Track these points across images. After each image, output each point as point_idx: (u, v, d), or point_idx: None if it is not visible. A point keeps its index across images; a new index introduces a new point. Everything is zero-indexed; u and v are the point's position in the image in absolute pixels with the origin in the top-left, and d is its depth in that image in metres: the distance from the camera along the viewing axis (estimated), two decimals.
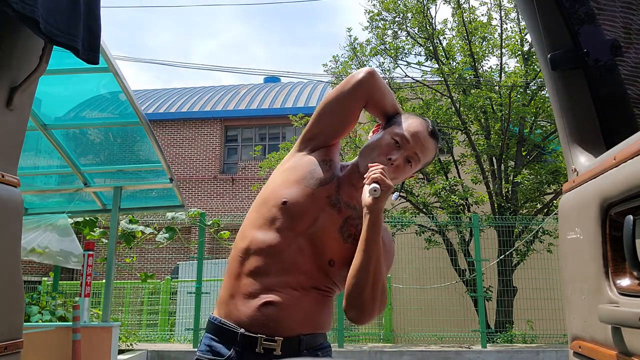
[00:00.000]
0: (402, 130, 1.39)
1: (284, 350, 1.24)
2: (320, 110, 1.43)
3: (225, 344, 1.28)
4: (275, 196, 1.35)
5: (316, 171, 1.38)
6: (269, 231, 1.31)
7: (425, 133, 1.40)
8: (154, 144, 4.48)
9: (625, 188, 0.91)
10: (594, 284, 1.00)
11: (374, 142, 1.41)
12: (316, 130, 1.44)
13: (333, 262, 1.32)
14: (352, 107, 1.41)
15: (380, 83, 1.42)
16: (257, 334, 1.24)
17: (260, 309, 1.25)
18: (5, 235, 1.13)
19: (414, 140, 1.37)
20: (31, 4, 1.05)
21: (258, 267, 1.28)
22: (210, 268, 8.10)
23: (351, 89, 1.39)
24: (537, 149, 9.98)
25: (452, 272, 8.73)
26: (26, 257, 5.34)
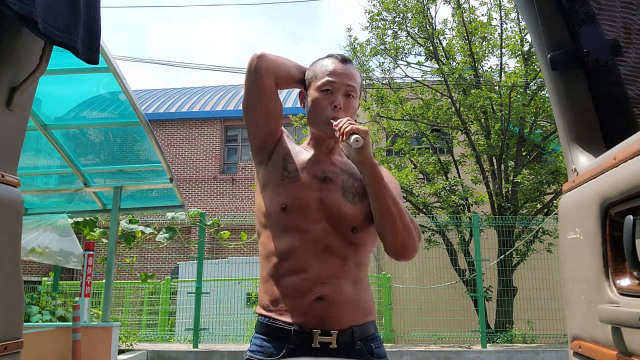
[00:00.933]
0: (322, 77, 1.40)
1: (339, 343, 1.26)
2: (246, 119, 1.44)
3: (277, 342, 1.28)
4: (273, 207, 1.36)
5: (288, 167, 1.40)
6: (289, 236, 1.33)
7: (340, 64, 1.42)
8: (154, 144, 4.48)
9: (625, 188, 0.90)
10: (594, 284, 1.00)
11: (311, 106, 1.42)
12: (258, 138, 1.44)
13: (356, 229, 1.34)
14: (266, 93, 1.40)
15: (274, 58, 1.41)
16: (312, 329, 1.25)
17: (312, 305, 1.26)
18: (5, 235, 1.13)
19: (337, 76, 1.39)
20: (29, 3, 1.05)
21: (297, 268, 1.30)
22: (210, 268, 8.11)
23: (253, 80, 1.39)
24: (537, 149, 9.98)
25: (452, 272, 8.72)
26: (26, 257, 5.34)
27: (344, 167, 1.42)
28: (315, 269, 1.28)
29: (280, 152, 1.43)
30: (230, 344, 7.33)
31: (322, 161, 1.42)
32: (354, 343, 1.28)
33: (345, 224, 1.34)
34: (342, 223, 1.33)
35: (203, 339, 7.23)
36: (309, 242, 1.31)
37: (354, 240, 1.34)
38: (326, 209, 1.34)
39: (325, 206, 1.34)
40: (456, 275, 8.68)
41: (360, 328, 1.31)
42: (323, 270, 1.28)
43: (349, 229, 1.33)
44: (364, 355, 1.30)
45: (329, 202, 1.35)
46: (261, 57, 1.38)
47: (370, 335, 1.34)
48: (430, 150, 10.30)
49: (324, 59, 1.45)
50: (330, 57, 1.45)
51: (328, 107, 1.38)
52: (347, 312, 1.29)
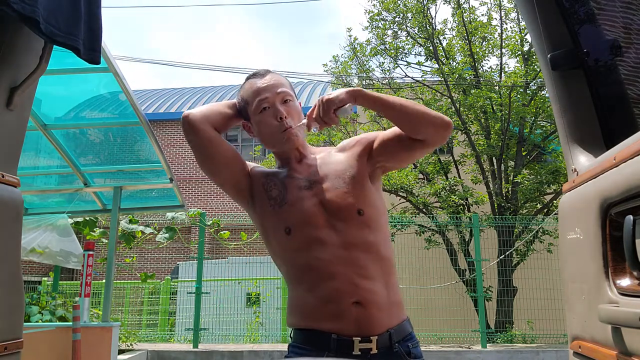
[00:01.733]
0: (253, 100, 1.40)
1: (378, 348, 1.25)
2: (209, 175, 1.45)
3: (316, 350, 1.27)
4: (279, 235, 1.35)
5: (271, 195, 1.38)
6: (309, 253, 1.31)
7: (261, 80, 1.41)
8: (154, 144, 4.47)
9: (625, 188, 0.90)
10: (594, 284, 1.00)
11: (259, 131, 1.41)
12: (229, 187, 1.44)
13: (361, 210, 1.33)
14: (212, 145, 1.38)
15: (200, 110, 1.39)
16: (351, 336, 1.24)
17: (348, 310, 1.25)
18: (5, 235, 1.13)
19: (265, 91, 1.39)
20: (31, 3, 1.05)
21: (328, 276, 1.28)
22: (210, 268, 8.10)
23: (194, 138, 1.37)
24: (537, 149, 9.98)
25: (452, 272, 8.72)
26: (26, 257, 5.34)
27: (320, 162, 1.42)
28: (344, 272, 1.27)
29: (257, 186, 1.41)
30: (230, 344, 7.33)
31: (299, 170, 1.41)
32: (391, 346, 1.28)
33: (350, 211, 1.33)
34: (347, 212, 1.32)
35: (203, 339, 7.23)
36: (329, 248, 1.29)
37: (365, 222, 1.33)
38: (328, 209, 1.34)
39: (325, 207, 1.34)
40: (456, 275, 8.68)
41: (397, 329, 1.30)
42: (352, 272, 1.27)
43: (355, 214, 1.32)
44: (402, 357, 1.29)
45: (327, 201, 1.34)
46: (189, 115, 1.37)
47: (407, 335, 1.33)
48: None
49: (245, 83, 1.44)
50: (249, 78, 1.44)
51: (274, 122, 1.37)
52: (384, 315, 1.28)
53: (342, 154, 1.44)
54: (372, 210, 1.35)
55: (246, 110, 1.42)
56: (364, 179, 1.38)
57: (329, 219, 1.32)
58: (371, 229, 1.33)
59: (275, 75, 1.44)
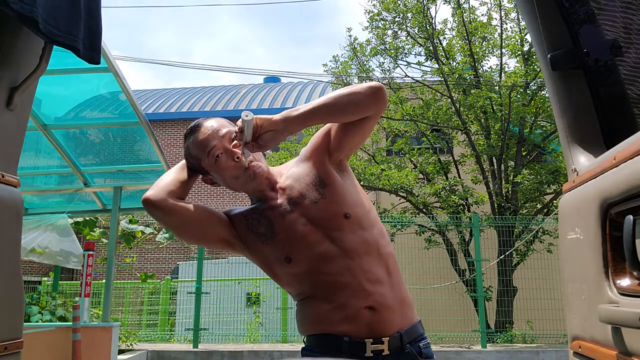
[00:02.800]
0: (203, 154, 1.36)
1: (390, 349, 1.27)
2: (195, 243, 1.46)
3: (329, 353, 1.28)
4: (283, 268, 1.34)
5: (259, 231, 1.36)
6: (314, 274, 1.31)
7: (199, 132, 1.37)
8: (154, 144, 4.47)
9: (625, 188, 0.90)
10: (594, 284, 1.00)
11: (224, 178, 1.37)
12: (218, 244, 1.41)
13: (348, 214, 1.33)
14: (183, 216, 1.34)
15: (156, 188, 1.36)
16: (363, 339, 1.25)
17: (361, 314, 1.26)
18: (5, 235, 1.13)
19: (208, 142, 1.34)
20: (30, 3, 1.05)
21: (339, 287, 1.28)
22: (210, 268, 8.10)
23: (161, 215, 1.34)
24: (537, 149, 9.98)
25: (452, 272, 8.72)
26: (26, 257, 5.34)
27: (291, 181, 1.39)
28: (353, 281, 1.27)
29: (243, 229, 1.38)
30: (230, 344, 7.33)
31: (275, 198, 1.38)
32: (403, 347, 1.29)
33: (337, 218, 1.32)
34: (335, 220, 1.32)
35: (203, 339, 7.23)
36: (332, 262, 1.29)
37: (356, 224, 1.33)
38: (317, 224, 1.33)
39: (314, 223, 1.33)
40: (456, 275, 8.68)
41: (408, 330, 1.31)
42: (359, 277, 1.28)
43: (342, 219, 1.32)
44: (414, 357, 1.31)
45: (313, 217, 1.33)
46: (148, 198, 1.33)
47: (419, 336, 1.35)
48: (430, 150, 10.30)
49: (187, 142, 1.40)
50: (188, 136, 1.40)
51: (232, 164, 1.34)
52: (395, 316, 1.29)
53: (305, 164, 1.41)
54: (357, 210, 1.35)
55: (200, 165, 1.38)
56: (335, 180, 1.37)
57: (323, 233, 1.32)
58: (364, 228, 1.33)
59: (208, 121, 1.39)
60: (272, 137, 1.25)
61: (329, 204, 1.33)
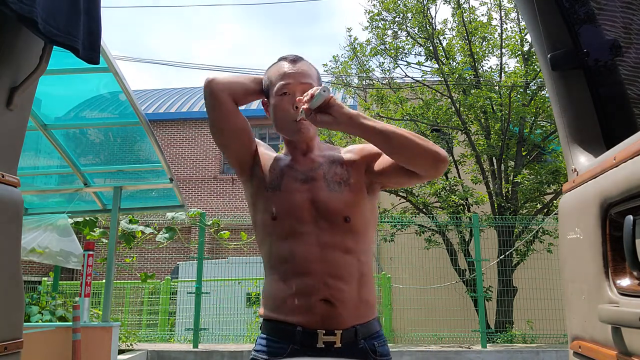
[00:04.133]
0: (277, 82, 1.39)
1: (342, 343, 1.27)
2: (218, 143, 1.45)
3: (282, 342, 1.30)
4: (265, 219, 1.38)
5: (269, 178, 1.40)
6: (288, 244, 1.33)
7: (290, 64, 1.41)
8: (154, 144, 4.47)
9: (625, 188, 0.90)
10: (594, 284, 1.00)
11: (273, 113, 1.41)
12: (234, 159, 1.45)
13: (348, 218, 1.34)
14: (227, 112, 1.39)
15: (225, 78, 1.41)
16: (316, 329, 1.26)
17: (316, 306, 1.27)
18: (5, 235, 1.13)
19: (291, 77, 1.39)
20: (29, 3, 1.05)
21: (300, 270, 1.31)
22: (210, 268, 8.11)
23: (212, 105, 1.38)
24: (537, 149, 9.98)
25: (452, 272, 8.72)
26: (26, 257, 5.33)
27: (322, 160, 1.43)
28: (318, 270, 1.29)
29: (259, 165, 1.43)
30: (230, 344, 7.33)
31: (301, 163, 1.42)
32: (357, 342, 1.30)
33: (337, 216, 1.34)
34: (334, 215, 1.34)
35: (203, 339, 7.23)
36: (308, 244, 1.32)
37: (350, 230, 1.34)
38: (316, 207, 1.35)
39: (315, 205, 1.35)
40: (456, 275, 8.68)
41: (364, 326, 1.32)
42: (326, 271, 1.29)
43: (341, 219, 1.34)
44: (367, 354, 1.31)
45: (317, 200, 1.36)
46: (212, 80, 1.38)
47: (374, 333, 1.35)
48: None
49: (275, 63, 1.44)
50: (281, 60, 1.44)
51: (290, 109, 1.37)
52: (351, 312, 1.30)
53: (347, 159, 1.44)
54: (359, 220, 1.36)
55: (268, 89, 1.43)
56: (361, 189, 1.39)
57: (316, 217, 1.34)
58: (354, 236, 1.35)
59: (305, 64, 1.43)
60: (328, 120, 1.26)
61: (340, 201, 1.35)
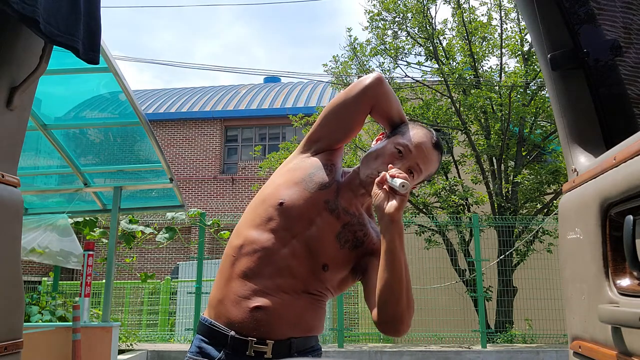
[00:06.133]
0: (405, 140, 1.35)
1: (274, 354, 1.24)
2: (327, 114, 1.42)
3: (215, 346, 1.27)
4: (273, 196, 1.34)
5: (317, 174, 1.37)
6: (264, 231, 1.30)
7: (430, 144, 1.36)
8: (154, 144, 4.48)
9: (625, 188, 0.90)
10: (594, 284, 1.00)
11: (377, 150, 1.38)
12: (321, 133, 1.43)
13: (327, 267, 1.30)
14: (358, 111, 1.39)
15: (388, 89, 1.39)
16: (248, 337, 1.23)
17: (252, 312, 1.24)
18: (5, 235, 1.13)
19: (417, 151, 1.34)
20: (31, 3, 1.05)
21: (250, 269, 1.27)
22: (210, 268, 8.10)
23: (358, 94, 1.37)
24: (537, 149, 9.98)
25: (452, 272, 8.72)
26: (26, 257, 5.34)
27: (357, 215, 1.38)
28: (266, 279, 1.26)
29: (324, 159, 1.40)
30: None
31: (344, 196, 1.37)
32: (291, 354, 1.26)
33: (319, 256, 1.30)
34: (317, 254, 1.30)
35: None
36: (275, 250, 1.28)
37: (319, 275, 1.30)
38: (311, 231, 1.31)
39: (311, 229, 1.31)
40: (456, 275, 8.68)
41: (300, 340, 1.28)
42: (273, 283, 1.26)
43: (321, 263, 1.30)
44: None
45: (318, 229, 1.31)
46: (379, 79, 1.37)
47: (309, 347, 1.31)
48: None
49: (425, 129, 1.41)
50: (429, 132, 1.40)
51: (385, 164, 1.31)
52: (287, 325, 1.26)
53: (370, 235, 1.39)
54: (333, 276, 1.33)
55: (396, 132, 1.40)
56: (352, 261, 1.35)
57: (300, 239, 1.30)
58: (320, 283, 1.31)
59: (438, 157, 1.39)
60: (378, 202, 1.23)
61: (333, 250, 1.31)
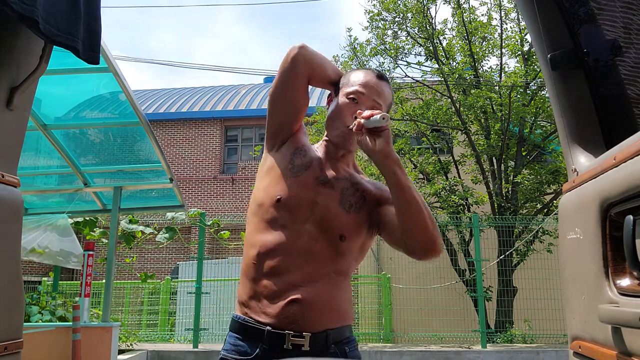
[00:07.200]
0: (353, 86, 1.39)
1: (311, 346, 1.25)
2: (272, 104, 1.43)
3: (250, 342, 1.28)
4: (268, 197, 1.36)
5: (295, 160, 1.39)
6: (275, 231, 1.32)
7: (374, 79, 1.40)
8: (154, 144, 4.48)
9: (625, 188, 0.90)
10: (594, 284, 1.00)
11: (334, 110, 1.41)
12: (275, 124, 1.44)
13: (344, 237, 1.33)
14: (298, 85, 1.40)
15: (314, 53, 1.41)
16: (285, 330, 1.25)
17: (286, 307, 1.25)
18: (5, 235, 1.13)
19: (368, 90, 1.38)
20: (30, 3, 1.05)
21: (276, 267, 1.29)
22: (210, 268, 8.11)
23: (290, 69, 1.38)
24: (537, 149, 9.98)
25: (452, 272, 8.72)
26: (26, 257, 5.34)
27: (348, 176, 1.41)
28: (294, 272, 1.27)
29: (292, 145, 1.43)
30: None
31: (329, 166, 1.41)
32: (327, 346, 1.28)
33: (333, 230, 1.32)
34: (330, 229, 1.32)
35: (203, 339, 7.23)
36: (293, 243, 1.30)
37: (340, 248, 1.33)
38: (317, 211, 1.33)
39: (316, 208, 1.34)
40: (456, 275, 8.68)
41: (335, 331, 1.30)
42: (302, 274, 1.27)
43: (336, 235, 1.32)
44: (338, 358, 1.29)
45: (322, 206, 1.34)
46: (302, 48, 1.38)
47: (345, 338, 1.33)
48: (430, 150, 10.30)
49: (362, 70, 1.45)
50: (369, 70, 1.45)
51: (349, 116, 1.36)
52: (322, 316, 1.28)
53: (367, 188, 1.42)
54: (351, 244, 1.35)
55: (342, 87, 1.42)
56: (365, 222, 1.38)
57: (311, 220, 1.33)
58: (340, 254, 1.33)
59: (387, 86, 1.43)
60: (369, 145, 1.25)
61: (343, 218, 1.34)
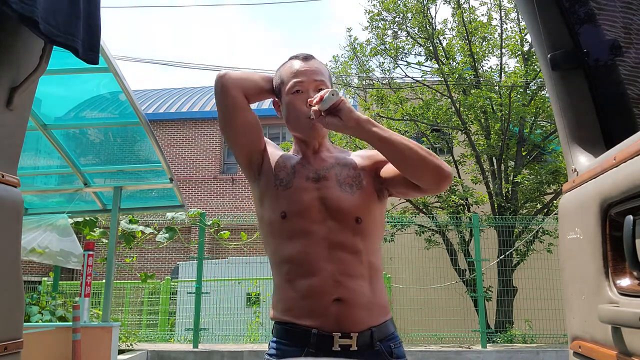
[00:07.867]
0: (289, 81, 1.40)
1: (359, 345, 1.26)
2: (227, 138, 1.43)
3: (296, 346, 1.27)
4: (274, 216, 1.36)
5: (279, 176, 1.39)
6: (296, 244, 1.32)
7: (302, 63, 1.41)
8: (154, 144, 4.47)
9: (625, 188, 0.90)
10: (594, 284, 1.00)
11: (287, 112, 1.42)
12: (243, 154, 1.43)
13: (360, 219, 1.34)
14: (239, 106, 1.39)
15: (237, 74, 1.42)
16: (331, 332, 1.24)
17: (330, 307, 1.26)
18: (5, 235, 1.13)
19: (303, 75, 1.39)
20: (30, 3, 1.05)
21: (311, 271, 1.29)
22: (210, 268, 8.10)
23: (223, 99, 1.38)
24: (537, 149, 9.98)
25: (452, 272, 8.72)
26: (26, 257, 5.34)
27: (334, 161, 1.42)
28: (328, 269, 1.28)
29: (268, 163, 1.42)
30: (230, 344, 7.33)
31: (312, 161, 1.41)
32: (373, 344, 1.28)
33: (348, 216, 1.33)
34: (345, 216, 1.33)
35: (203, 339, 7.23)
36: (317, 244, 1.31)
37: (360, 231, 1.33)
38: (327, 206, 1.34)
39: (325, 204, 1.34)
40: (456, 275, 8.68)
41: (379, 328, 1.30)
42: (336, 269, 1.28)
43: (352, 220, 1.33)
44: (384, 356, 1.30)
45: (328, 199, 1.35)
46: (224, 76, 1.38)
47: (390, 335, 1.34)
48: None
49: (287, 62, 1.45)
50: (292, 58, 1.45)
51: (303, 107, 1.37)
52: (366, 314, 1.28)
53: (358, 161, 1.43)
54: (370, 222, 1.36)
55: (280, 88, 1.43)
56: (372, 192, 1.39)
57: (325, 217, 1.33)
58: (364, 238, 1.34)
59: (317, 62, 1.43)
60: (336, 123, 1.27)
61: (351, 202, 1.35)
